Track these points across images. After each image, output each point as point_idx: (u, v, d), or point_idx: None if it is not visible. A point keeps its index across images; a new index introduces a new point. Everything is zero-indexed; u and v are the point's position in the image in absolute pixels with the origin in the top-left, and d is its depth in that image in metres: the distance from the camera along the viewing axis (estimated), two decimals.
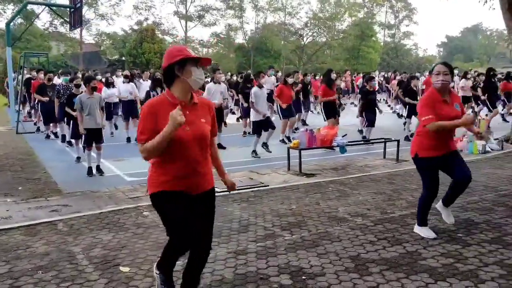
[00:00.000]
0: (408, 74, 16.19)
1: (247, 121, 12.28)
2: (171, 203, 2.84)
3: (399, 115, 16.45)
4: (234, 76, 19.58)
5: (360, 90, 13.09)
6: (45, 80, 11.75)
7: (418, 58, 61.08)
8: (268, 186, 6.98)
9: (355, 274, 3.71)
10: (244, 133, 12.67)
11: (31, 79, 14.54)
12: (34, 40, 39.59)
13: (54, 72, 16.10)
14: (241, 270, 3.81)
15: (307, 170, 8.04)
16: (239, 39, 51.79)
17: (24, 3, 18.30)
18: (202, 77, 2.89)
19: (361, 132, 11.86)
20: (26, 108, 17.25)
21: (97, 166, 7.87)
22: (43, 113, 11.80)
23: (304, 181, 7.28)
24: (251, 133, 10.58)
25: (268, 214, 5.47)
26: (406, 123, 12.56)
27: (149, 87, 10.79)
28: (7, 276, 3.72)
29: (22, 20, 39.81)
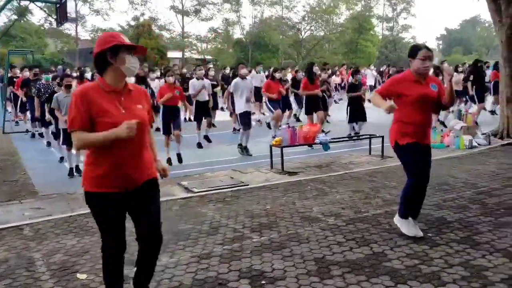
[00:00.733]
0: (396, 68, 15.99)
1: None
2: (104, 206, 2.80)
3: None
4: (227, 69, 19.40)
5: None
6: (30, 76, 11.60)
7: None
8: (248, 185, 6.91)
9: (316, 278, 3.64)
10: (234, 129, 12.60)
11: (13, 78, 14.26)
12: (29, 37, 39.40)
13: (42, 68, 15.88)
14: (200, 276, 3.74)
15: (290, 168, 7.97)
16: (237, 34, 51.63)
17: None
18: (136, 65, 2.85)
19: (356, 133, 11.57)
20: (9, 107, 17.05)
21: (76, 166, 7.76)
22: (32, 111, 11.67)
23: (285, 179, 7.21)
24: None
25: (241, 215, 5.41)
26: None
27: None
28: None
29: (16, 17, 39.76)
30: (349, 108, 10.85)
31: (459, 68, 16.29)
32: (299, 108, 15.12)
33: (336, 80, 22.77)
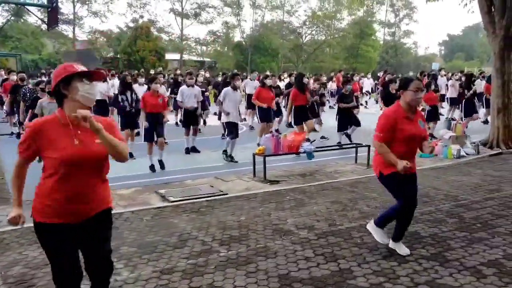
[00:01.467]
0: (392, 75, 15.84)
1: None
2: (52, 237, 2.68)
3: None
4: (219, 77, 19.38)
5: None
6: (18, 81, 11.55)
7: (417, 57, 60.68)
8: (227, 194, 6.81)
9: None
10: (223, 135, 12.49)
11: (6, 80, 14.18)
12: (25, 38, 39.34)
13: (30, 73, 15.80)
14: None
15: (274, 176, 7.87)
16: (237, 37, 51.60)
17: None
18: (92, 91, 2.72)
19: (348, 136, 11.38)
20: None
21: None
22: (18, 115, 11.58)
23: (266, 188, 7.11)
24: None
25: (213, 226, 5.31)
26: None
27: (117, 90, 10.51)
28: None
29: (13, 18, 39.80)
30: (338, 117, 10.76)
31: (455, 76, 16.30)
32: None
33: (332, 86, 22.72)
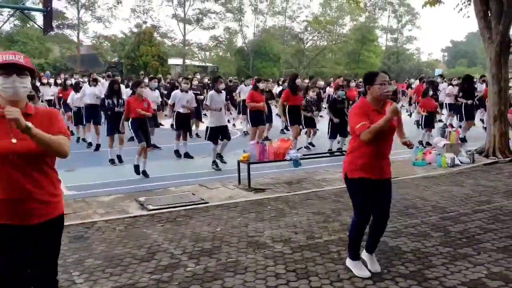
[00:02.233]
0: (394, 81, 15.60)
1: None
2: None
3: None
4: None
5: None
6: None
7: (419, 63, 60.37)
8: (207, 203, 6.57)
9: None
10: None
11: None
12: (31, 42, 39.44)
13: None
14: None
15: (259, 184, 7.64)
16: (239, 42, 51.57)
17: None
18: (9, 84, 2.49)
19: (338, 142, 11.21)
20: None
21: None
22: None
23: (249, 197, 6.87)
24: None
25: (186, 238, 5.06)
26: None
27: (104, 94, 10.24)
28: None
29: (18, 22, 39.91)
30: (330, 123, 10.54)
31: (454, 82, 15.97)
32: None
33: (330, 91, 22.48)
